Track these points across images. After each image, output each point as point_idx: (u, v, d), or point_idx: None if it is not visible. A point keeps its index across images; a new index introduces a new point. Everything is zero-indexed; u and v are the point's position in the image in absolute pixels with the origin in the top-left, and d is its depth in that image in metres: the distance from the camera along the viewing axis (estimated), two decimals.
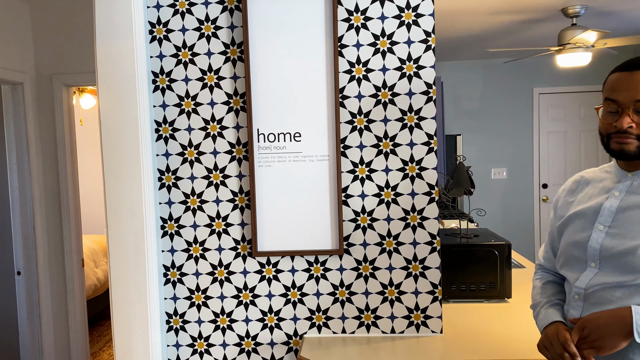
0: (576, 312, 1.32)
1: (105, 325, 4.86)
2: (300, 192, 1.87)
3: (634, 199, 1.28)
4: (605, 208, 1.31)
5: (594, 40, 3.89)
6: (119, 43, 1.79)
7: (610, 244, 1.28)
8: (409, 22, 1.82)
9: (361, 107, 1.85)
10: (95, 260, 4.79)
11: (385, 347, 1.81)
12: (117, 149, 1.81)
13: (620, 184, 1.32)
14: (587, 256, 1.32)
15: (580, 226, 1.36)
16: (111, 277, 1.84)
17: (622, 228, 1.27)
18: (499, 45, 5.39)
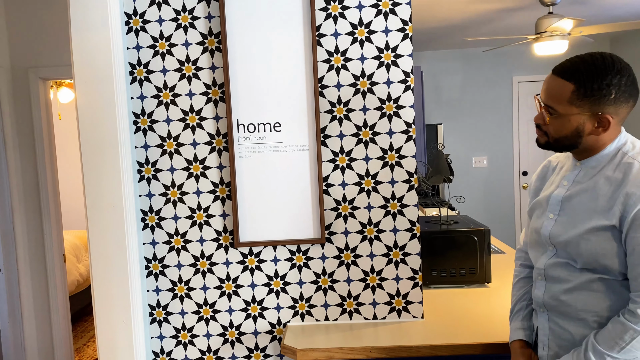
0: (539, 291, 1.42)
1: (90, 320, 4.83)
2: (281, 182, 1.88)
3: (579, 188, 1.35)
4: (553, 197, 1.39)
5: (570, 28, 3.94)
6: (94, 34, 1.77)
7: (557, 232, 1.36)
8: (386, 10, 1.83)
9: (340, 96, 1.86)
10: (78, 255, 4.74)
11: (367, 333, 1.83)
12: (95, 142, 1.80)
13: (570, 173, 1.39)
14: (543, 242, 1.42)
15: (539, 214, 1.45)
16: (92, 271, 1.83)
17: (567, 216, 1.35)
18: (478, 34, 5.43)
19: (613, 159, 1.31)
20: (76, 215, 5.72)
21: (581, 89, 1.26)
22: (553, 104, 1.31)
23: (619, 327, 1.24)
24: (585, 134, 1.30)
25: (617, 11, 4.82)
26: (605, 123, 1.28)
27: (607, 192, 1.28)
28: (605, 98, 1.26)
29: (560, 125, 1.32)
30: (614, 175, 1.28)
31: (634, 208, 1.22)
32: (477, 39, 4.12)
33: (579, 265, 1.32)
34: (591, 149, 1.34)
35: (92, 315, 4.95)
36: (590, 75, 1.26)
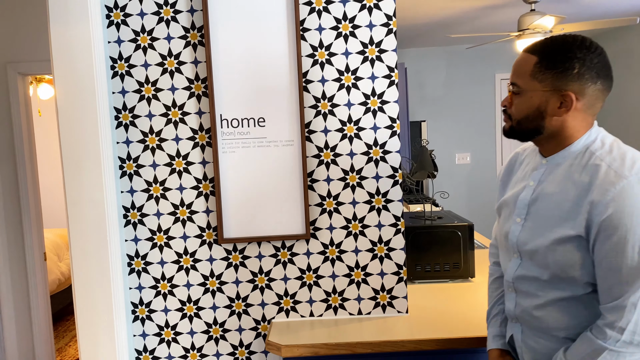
0: (510, 304, 1.36)
1: (72, 320, 4.77)
2: (266, 178, 1.87)
3: (544, 188, 1.26)
4: (520, 200, 1.30)
5: (551, 25, 3.97)
6: (74, 28, 1.74)
7: (524, 239, 1.28)
8: (370, 5, 1.83)
9: (325, 91, 1.85)
10: (59, 254, 4.67)
11: (352, 328, 1.83)
12: (75, 137, 1.76)
13: (536, 172, 1.30)
14: (510, 247, 1.34)
15: (507, 215, 1.36)
16: (73, 269, 1.80)
17: (533, 222, 1.26)
18: (461, 32, 5.46)
19: (581, 157, 1.22)
20: (57, 213, 5.63)
21: (544, 61, 1.20)
22: (516, 80, 1.25)
23: (588, 344, 1.17)
24: (548, 114, 1.21)
25: (598, 9, 4.88)
26: (569, 102, 1.19)
27: (573, 197, 1.19)
28: (568, 72, 1.18)
29: (522, 103, 1.24)
30: (580, 179, 1.19)
31: (599, 218, 1.13)
32: (461, 36, 4.14)
33: (545, 277, 1.24)
34: (557, 139, 1.25)
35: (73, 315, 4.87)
36: (555, 48, 1.20)
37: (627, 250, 1.11)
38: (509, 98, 1.29)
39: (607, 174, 1.15)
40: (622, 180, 1.12)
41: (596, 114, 1.25)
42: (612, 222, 1.11)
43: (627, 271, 1.12)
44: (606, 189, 1.13)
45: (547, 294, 1.25)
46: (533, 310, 1.29)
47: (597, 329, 1.17)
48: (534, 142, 1.31)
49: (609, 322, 1.14)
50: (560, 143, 1.25)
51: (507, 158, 1.48)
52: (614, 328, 1.13)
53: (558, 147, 1.26)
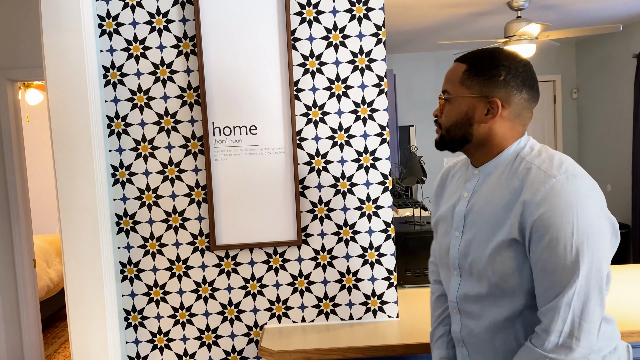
0: (456, 326, 1.33)
1: (60, 326, 4.74)
2: (258, 185, 1.89)
3: (478, 199, 1.25)
4: (457, 213, 1.29)
5: (537, 32, 4.04)
6: (67, 36, 1.75)
7: (464, 251, 1.26)
8: (360, 16, 1.86)
9: (316, 99, 1.88)
10: (48, 260, 4.65)
11: (344, 333, 1.85)
12: (68, 145, 1.77)
13: (470, 182, 1.29)
14: (450, 263, 1.31)
15: (444, 230, 1.35)
16: (66, 276, 1.81)
17: (470, 233, 1.25)
18: (449, 38, 5.53)
19: (511, 164, 1.22)
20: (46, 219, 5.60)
21: (472, 69, 1.23)
22: (446, 87, 1.27)
23: (526, 353, 1.15)
24: (476, 120, 1.22)
25: (582, 17, 4.97)
26: (495, 108, 1.21)
27: (506, 202, 1.18)
28: (494, 79, 1.20)
29: (452, 110, 1.25)
30: (512, 184, 1.19)
31: (532, 218, 1.12)
32: (449, 42, 4.20)
33: (484, 291, 1.22)
34: (486, 147, 1.25)
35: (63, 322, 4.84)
36: (484, 57, 1.23)
37: (559, 249, 1.10)
38: (439, 107, 1.30)
39: (537, 175, 1.15)
40: (551, 179, 1.13)
41: (526, 124, 1.26)
42: (544, 221, 1.11)
43: (560, 271, 1.10)
44: (537, 189, 1.13)
45: (490, 313, 1.22)
46: (479, 332, 1.26)
47: (535, 335, 1.14)
48: (464, 152, 1.30)
49: (544, 326, 1.12)
50: (489, 151, 1.25)
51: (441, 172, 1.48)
52: (550, 332, 1.11)
53: (488, 156, 1.26)
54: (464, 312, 1.29)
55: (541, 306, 1.14)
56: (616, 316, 1.38)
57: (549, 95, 6.64)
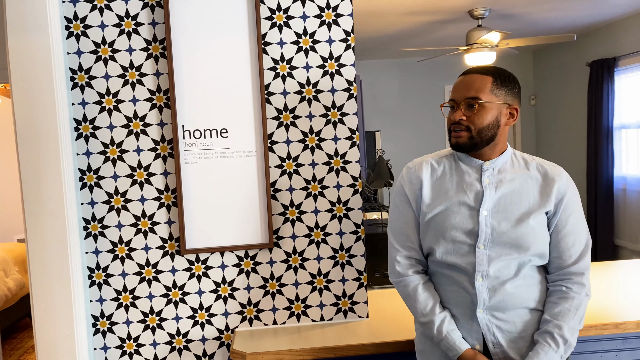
0: (482, 293, 1.44)
1: (19, 337, 4.58)
2: (229, 188, 1.89)
3: (501, 183, 1.48)
4: (486, 195, 1.47)
5: (497, 40, 4.18)
6: (33, 39, 1.72)
7: (499, 226, 1.45)
8: (330, 21, 1.90)
9: (287, 103, 1.90)
10: (6, 269, 4.49)
11: (315, 334, 1.87)
12: (34, 149, 1.74)
13: (486, 172, 1.50)
14: (477, 240, 1.45)
15: (465, 213, 1.46)
16: (32, 282, 1.76)
17: (503, 211, 1.47)
18: (413, 45, 5.65)
19: (514, 161, 1.52)
20: (4, 227, 5.41)
21: (497, 80, 1.46)
22: (479, 95, 1.45)
23: (572, 302, 1.43)
24: (502, 123, 1.47)
25: (539, 26, 5.17)
26: (515, 114, 1.49)
27: (532, 186, 1.48)
28: (513, 90, 1.48)
29: (485, 115, 1.45)
30: (531, 173, 1.50)
31: (564, 198, 1.47)
32: (412, 49, 4.29)
33: (516, 254, 1.45)
34: (497, 146, 1.49)
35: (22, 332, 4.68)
36: (503, 72, 1.49)
37: (579, 217, 1.49)
38: (462, 113, 1.46)
39: (552, 168, 1.51)
40: (562, 171, 1.51)
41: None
42: (569, 201, 1.47)
43: (579, 232, 1.48)
44: (560, 175, 1.49)
45: (515, 270, 1.46)
46: (508, 287, 1.45)
47: (576, 285, 1.45)
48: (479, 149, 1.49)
49: (585, 276, 1.46)
50: (495, 149, 1.50)
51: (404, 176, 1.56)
52: (586, 278, 1.46)
53: (495, 153, 1.50)
54: (491, 276, 1.45)
55: (574, 262, 1.47)
56: None
57: None
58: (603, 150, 5.30)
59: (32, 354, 4.21)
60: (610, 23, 5.29)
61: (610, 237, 5.36)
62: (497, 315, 1.46)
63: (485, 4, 4.19)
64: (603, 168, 5.32)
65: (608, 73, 5.22)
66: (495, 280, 1.46)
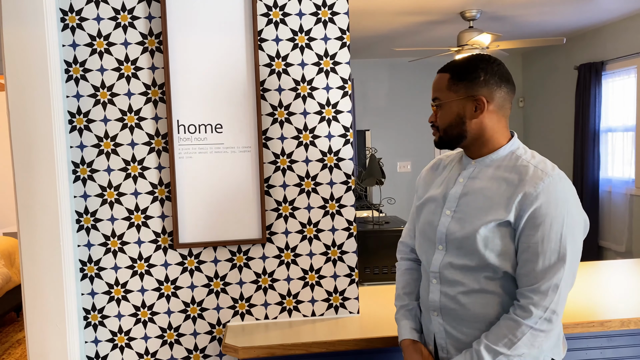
0: (434, 294, 1.45)
1: (4, 332, 4.55)
2: (223, 183, 1.90)
3: (474, 184, 1.42)
4: (451, 194, 1.45)
5: (488, 42, 4.23)
6: (28, 30, 1.71)
7: (454, 228, 1.41)
8: (325, 19, 1.91)
9: (281, 100, 1.91)
10: None
11: (306, 329, 1.89)
12: (28, 141, 1.73)
13: (465, 171, 1.46)
14: (436, 239, 1.45)
15: (433, 209, 1.49)
16: (24, 274, 1.76)
17: (463, 213, 1.40)
18: (404, 45, 5.68)
19: (508, 160, 1.41)
20: None
21: (455, 76, 1.41)
22: (437, 95, 1.45)
23: (510, 324, 1.31)
24: (467, 118, 1.40)
25: (529, 28, 5.23)
26: (482, 104, 1.38)
27: (503, 191, 1.36)
28: (476, 80, 1.39)
29: (445, 114, 1.43)
30: (510, 177, 1.37)
31: (531, 207, 1.31)
32: (404, 49, 4.32)
33: (473, 263, 1.37)
34: (480, 140, 1.41)
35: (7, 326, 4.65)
36: (462, 65, 1.42)
37: (552, 235, 1.30)
38: (433, 113, 1.47)
39: (535, 172, 1.35)
40: (548, 177, 1.33)
41: (508, 115, 1.45)
42: (541, 211, 1.30)
43: (551, 254, 1.30)
44: (536, 183, 1.32)
45: (471, 281, 1.38)
46: (460, 297, 1.40)
47: (521, 308, 1.31)
48: (462, 147, 1.48)
49: (534, 301, 1.30)
50: (483, 144, 1.43)
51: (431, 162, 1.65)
52: (538, 307, 1.29)
53: (483, 149, 1.43)
54: (445, 281, 1.43)
55: (529, 284, 1.32)
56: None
57: None
58: (589, 153, 5.38)
59: (17, 348, 4.18)
60: (599, 27, 5.37)
61: (595, 239, 5.44)
62: (449, 322, 1.43)
63: (477, 6, 4.23)
64: (589, 170, 5.40)
65: (595, 77, 5.30)
66: (449, 286, 1.42)
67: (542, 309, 1.29)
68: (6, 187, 5.65)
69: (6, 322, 4.78)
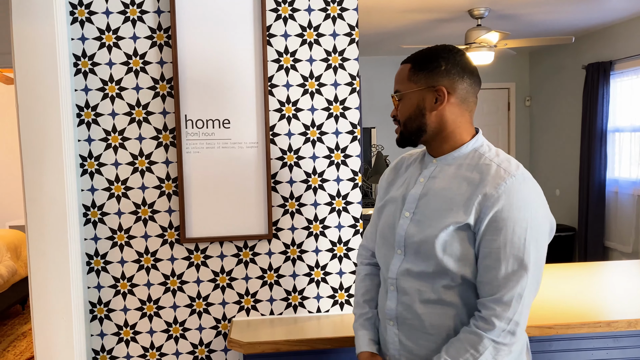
0: (392, 302, 1.37)
1: (9, 324, 4.57)
2: (230, 179, 1.90)
3: (434, 184, 1.33)
4: (410, 195, 1.36)
5: (496, 40, 4.20)
6: (38, 23, 1.71)
7: (412, 231, 1.32)
8: (334, 15, 1.90)
9: (289, 95, 1.91)
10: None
11: (311, 325, 1.89)
12: (36, 134, 1.74)
13: (426, 170, 1.37)
14: (395, 242, 1.37)
15: (392, 211, 1.41)
16: (31, 268, 1.77)
17: (422, 215, 1.32)
18: (411, 42, 5.66)
19: (470, 158, 1.32)
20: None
21: (416, 66, 1.34)
22: (397, 87, 1.38)
23: (472, 338, 1.22)
24: (427, 109, 1.32)
25: (537, 27, 5.20)
26: (442, 95, 1.31)
27: (464, 191, 1.27)
28: (436, 70, 1.31)
29: (405, 106, 1.36)
30: (471, 176, 1.28)
31: (491, 210, 1.22)
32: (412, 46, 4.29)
33: (431, 269, 1.28)
34: (441, 135, 1.34)
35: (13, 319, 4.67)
36: (424, 55, 1.36)
37: (514, 241, 1.21)
38: (395, 107, 1.40)
39: (497, 172, 1.26)
40: (511, 177, 1.24)
41: (472, 110, 1.37)
42: (503, 214, 1.21)
43: (513, 261, 1.21)
44: (498, 183, 1.24)
45: (428, 290, 1.30)
46: (416, 307, 1.32)
47: (483, 320, 1.23)
48: (423, 143, 1.39)
49: (496, 312, 1.21)
50: (444, 140, 1.35)
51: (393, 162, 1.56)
52: (501, 318, 1.21)
53: (445, 146, 1.35)
54: (402, 289, 1.35)
55: (490, 294, 1.23)
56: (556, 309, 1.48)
57: (503, 102, 6.90)
58: (596, 153, 5.36)
59: (22, 341, 4.20)
60: (608, 26, 5.33)
61: (601, 239, 5.42)
62: (405, 332, 1.35)
63: (485, 4, 4.21)
64: (596, 170, 5.37)
65: (604, 76, 5.26)
66: (405, 295, 1.33)
67: (505, 321, 1.21)
68: (11, 180, 5.68)
69: (11, 315, 4.80)
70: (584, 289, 2.13)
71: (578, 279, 2.27)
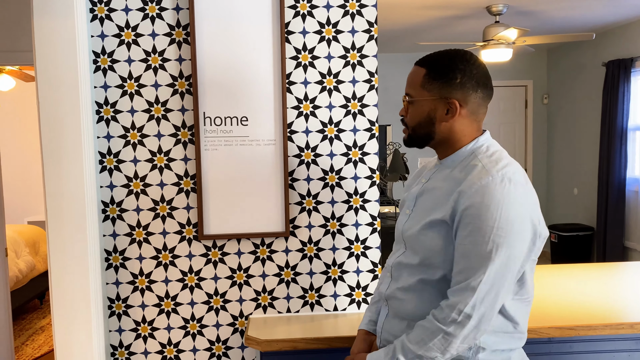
0: (384, 286, 1.48)
1: (28, 318, 4.63)
2: (247, 176, 1.90)
3: (429, 184, 1.40)
4: (411, 194, 1.45)
5: (515, 37, 4.15)
6: (58, 21, 1.73)
7: (407, 227, 1.41)
8: (353, 12, 1.89)
9: (307, 93, 1.90)
10: (17, 251, 4.53)
11: (328, 324, 1.88)
12: (57, 131, 1.75)
13: (429, 171, 1.44)
14: (400, 238, 1.46)
15: (403, 210, 1.50)
16: (51, 263, 1.78)
17: (416, 212, 1.40)
18: (428, 40, 5.62)
19: (466, 159, 1.34)
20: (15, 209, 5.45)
21: (431, 73, 1.33)
22: (409, 90, 1.38)
23: (426, 324, 1.27)
24: (437, 120, 1.34)
25: (557, 24, 5.13)
26: (454, 109, 1.32)
27: (448, 190, 1.31)
28: (452, 82, 1.31)
29: (415, 112, 1.37)
30: (459, 176, 1.32)
31: (462, 206, 1.25)
32: (428, 43, 4.27)
33: (415, 262, 1.35)
34: (447, 142, 1.37)
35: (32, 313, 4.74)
36: (440, 61, 1.34)
37: (478, 238, 1.23)
38: (404, 108, 1.41)
39: (479, 171, 1.28)
40: (487, 176, 1.25)
41: (482, 120, 1.39)
42: (472, 210, 1.24)
43: (475, 257, 1.24)
44: (473, 182, 1.26)
45: (412, 278, 1.37)
46: (398, 293, 1.40)
47: (439, 309, 1.27)
48: (430, 147, 1.42)
49: (451, 303, 1.25)
50: (450, 147, 1.38)
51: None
52: (454, 309, 1.24)
53: (449, 151, 1.38)
54: (394, 277, 1.44)
55: (453, 285, 1.28)
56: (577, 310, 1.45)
57: (520, 99, 6.82)
58: (616, 152, 5.27)
59: (41, 335, 4.26)
60: (628, 23, 5.24)
61: (620, 239, 5.34)
62: (389, 314, 1.44)
63: (504, 0, 4.16)
64: (615, 169, 5.29)
65: (624, 73, 5.18)
66: (395, 281, 1.43)
67: (456, 312, 1.23)
68: (30, 176, 5.75)
69: (30, 309, 4.87)
70: (606, 290, 2.09)
71: (598, 280, 2.23)
